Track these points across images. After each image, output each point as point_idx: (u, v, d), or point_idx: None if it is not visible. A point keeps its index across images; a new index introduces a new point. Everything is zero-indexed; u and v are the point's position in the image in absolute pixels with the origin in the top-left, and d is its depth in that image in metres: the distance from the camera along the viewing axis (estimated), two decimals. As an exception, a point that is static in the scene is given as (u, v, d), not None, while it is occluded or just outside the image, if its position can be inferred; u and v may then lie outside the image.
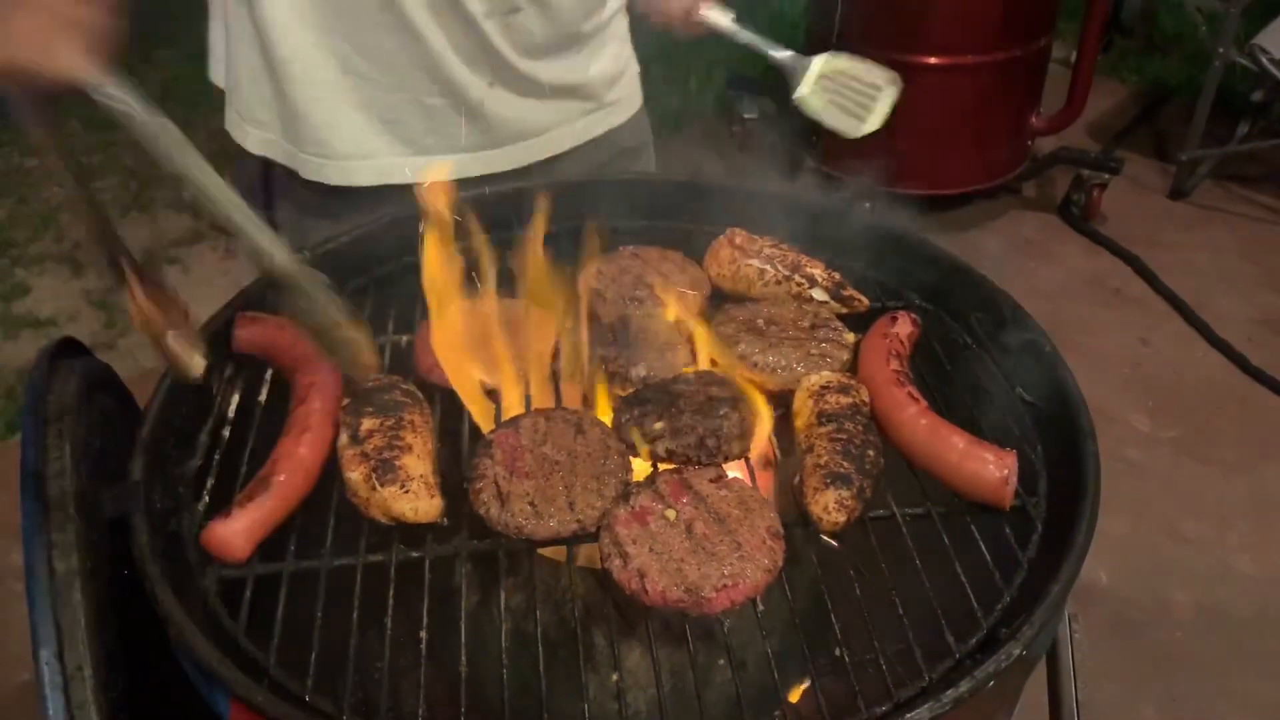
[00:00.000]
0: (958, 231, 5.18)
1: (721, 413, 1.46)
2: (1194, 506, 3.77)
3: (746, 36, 1.96)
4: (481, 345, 1.62)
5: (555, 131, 2.07)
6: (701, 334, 1.67)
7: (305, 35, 1.85)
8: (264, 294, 1.74)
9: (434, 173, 1.69)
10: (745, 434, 1.47)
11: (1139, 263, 4.99)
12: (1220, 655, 3.24)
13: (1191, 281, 4.86)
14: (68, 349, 1.54)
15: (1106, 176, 5.19)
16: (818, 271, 1.78)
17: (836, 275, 1.79)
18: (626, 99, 2.20)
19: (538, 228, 1.66)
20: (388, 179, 1.97)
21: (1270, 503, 3.80)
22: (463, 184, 1.73)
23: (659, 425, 1.46)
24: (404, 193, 1.77)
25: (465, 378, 1.60)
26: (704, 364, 1.64)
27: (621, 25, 2.14)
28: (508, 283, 1.71)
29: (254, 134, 2.06)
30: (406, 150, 1.97)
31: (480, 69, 1.90)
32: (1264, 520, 3.73)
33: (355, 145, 1.95)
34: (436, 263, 1.63)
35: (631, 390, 1.57)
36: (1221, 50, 5.10)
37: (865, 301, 1.77)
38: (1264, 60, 5.03)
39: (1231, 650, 3.26)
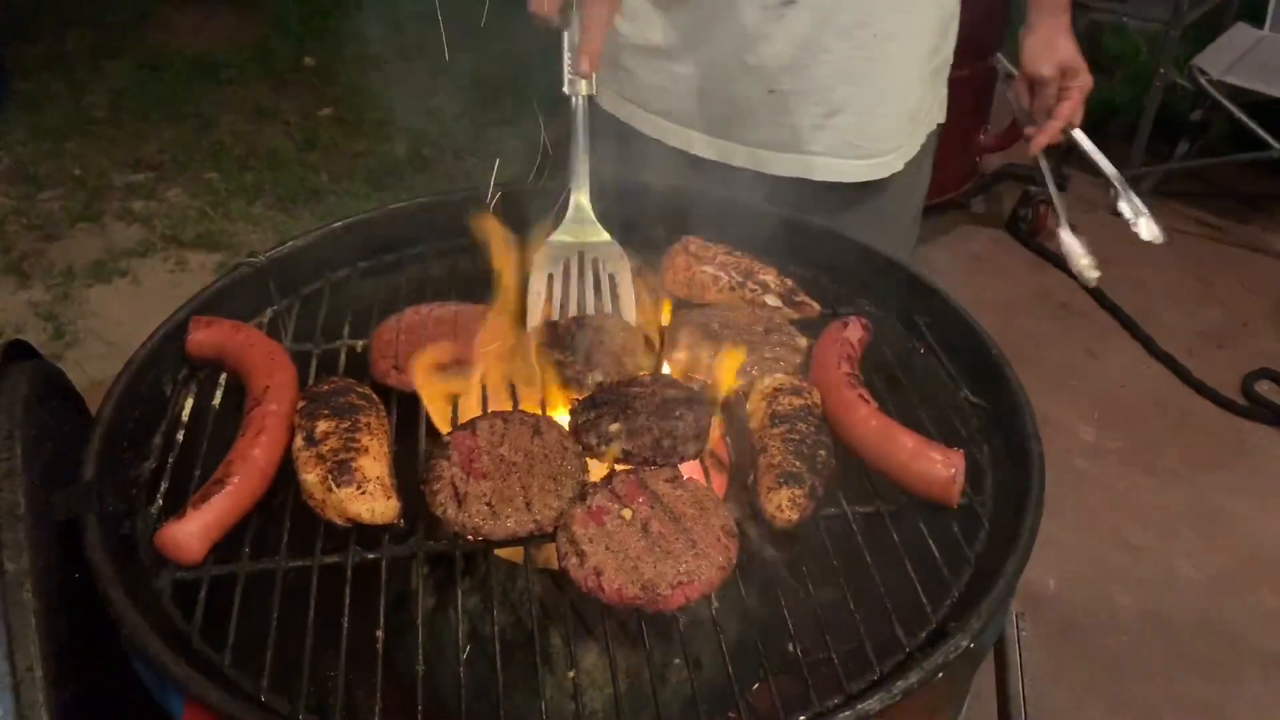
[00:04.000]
0: (908, 246, 5.25)
1: (677, 414, 1.48)
2: (1139, 514, 3.85)
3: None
4: (439, 347, 1.63)
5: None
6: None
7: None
8: (218, 298, 1.74)
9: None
10: (700, 435, 1.49)
11: (1085, 277, 5.08)
12: (1165, 659, 3.31)
13: (1135, 296, 4.97)
14: (17, 352, 1.53)
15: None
16: (770, 278, 1.81)
17: (789, 281, 1.82)
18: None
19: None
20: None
21: (1212, 511, 3.89)
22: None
23: (615, 427, 1.48)
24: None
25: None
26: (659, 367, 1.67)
27: None
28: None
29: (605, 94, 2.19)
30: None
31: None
32: (1206, 528, 3.81)
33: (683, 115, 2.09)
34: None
35: (587, 393, 1.59)
36: (1162, 71, 5.24)
37: (816, 307, 1.80)
38: (1203, 81, 5.17)
39: (1176, 654, 3.32)
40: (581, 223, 1.75)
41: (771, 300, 1.78)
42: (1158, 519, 3.84)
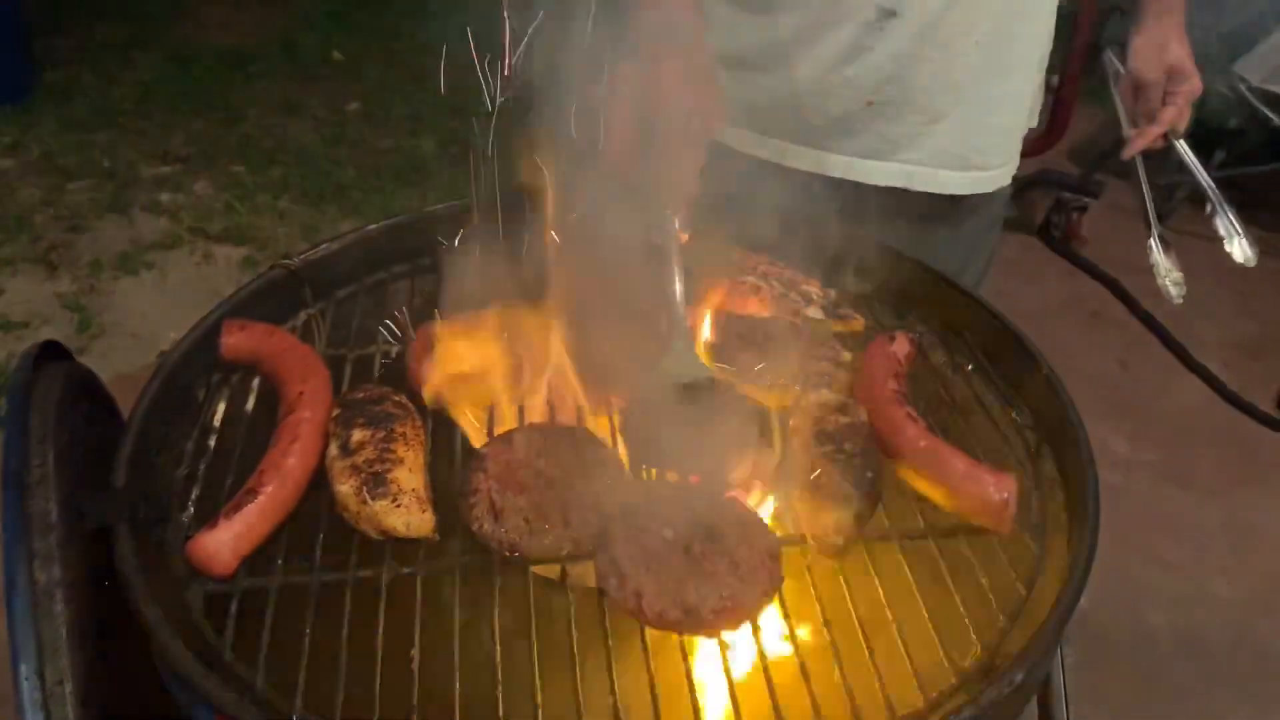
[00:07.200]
0: (939, 252, 5.20)
1: (731, 427, 1.43)
2: (1172, 530, 3.79)
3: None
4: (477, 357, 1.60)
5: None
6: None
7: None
8: (251, 300, 1.71)
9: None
10: (750, 450, 1.45)
11: (1118, 286, 5.01)
12: (1199, 679, 3.25)
13: (1169, 306, 4.87)
14: (50, 353, 1.51)
15: (1086, 200, 5.23)
16: (813, 289, 1.77)
17: (832, 294, 1.78)
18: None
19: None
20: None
21: (1247, 527, 3.82)
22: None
23: (664, 435, 1.43)
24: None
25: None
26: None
27: None
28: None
29: None
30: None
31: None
32: (1240, 544, 3.75)
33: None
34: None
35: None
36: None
37: (861, 320, 1.76)
38: (1242, 88, 5.09)
39: (1210, 674, 3.26)
40: (685, 361, 1.57)
41: (814, 313, 1.74)
42: (1191, 535, 3.78)
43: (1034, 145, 5.25)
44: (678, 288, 1.54)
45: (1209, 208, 2.12)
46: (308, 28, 7.06)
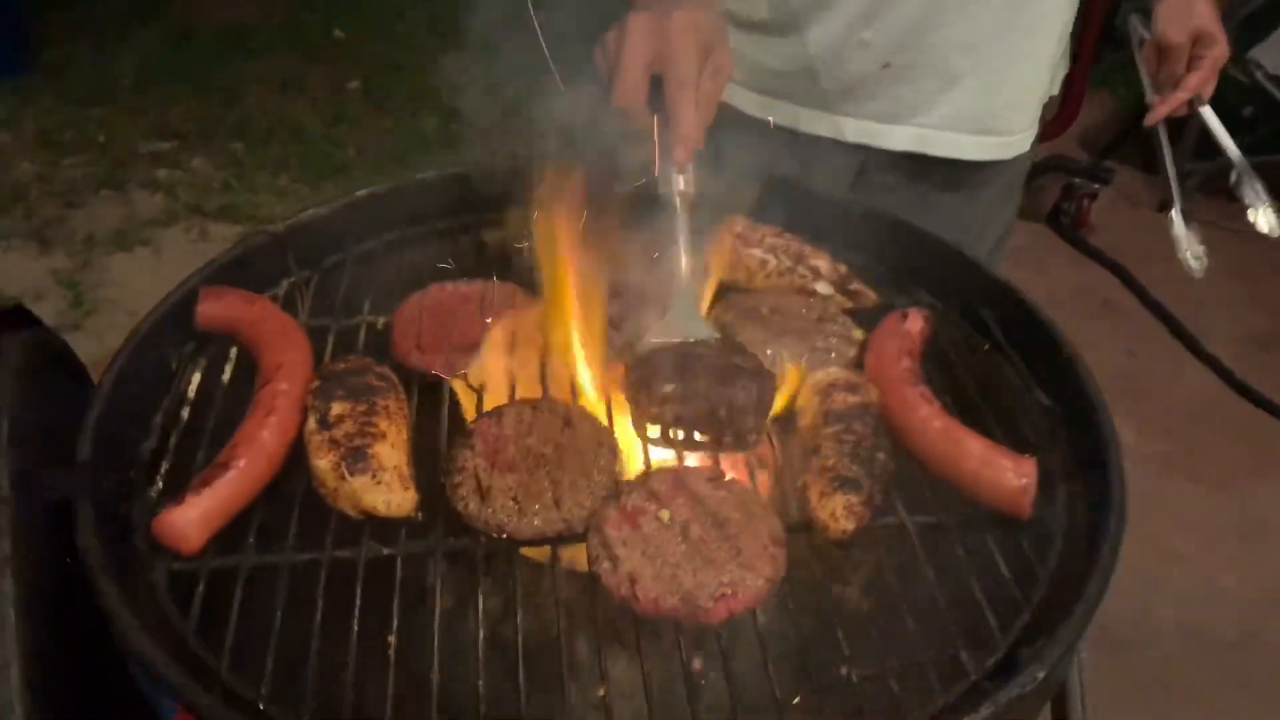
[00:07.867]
0: (947, 238, 5.13)
1: (739, 384, 1.35)
2: (1181, 522, 3.72)
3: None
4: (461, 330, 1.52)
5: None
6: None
7: None
8: (232, 267, 1.63)
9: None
10: (761, 409, 1.36)
11: (1128, 275, 4.94)
12: (1208, 675, 3.18)
13: (1179, 295, 4.81)
14: (18, 319, 1.43)
15: (1096, 187, 5.14)
16: (823, 264, 1.69)
17: (843, 268, 1.70)
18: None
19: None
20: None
21: (1257, 521, 3.75)
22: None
23: (669, 389, 1.36)
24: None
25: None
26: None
27: None
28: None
29: None
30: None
31: None
32: (1250, 538, 3.68)
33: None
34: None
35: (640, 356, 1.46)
36: (1216, 64, 5.06)
37: (873, 296, 1.68)
38: (1258, 75, 4.99)
39: (1219, 670, 3.20)
40: (685, 320, 1.53)
41: (823, 288, 1.66)
42: (1200, 528, 3.71)
43: (1044, 131, 5.16)
44: (683, 245, 1.47)
45: (1234, 176, 2.04)
46: (309, 6, 6.96)
